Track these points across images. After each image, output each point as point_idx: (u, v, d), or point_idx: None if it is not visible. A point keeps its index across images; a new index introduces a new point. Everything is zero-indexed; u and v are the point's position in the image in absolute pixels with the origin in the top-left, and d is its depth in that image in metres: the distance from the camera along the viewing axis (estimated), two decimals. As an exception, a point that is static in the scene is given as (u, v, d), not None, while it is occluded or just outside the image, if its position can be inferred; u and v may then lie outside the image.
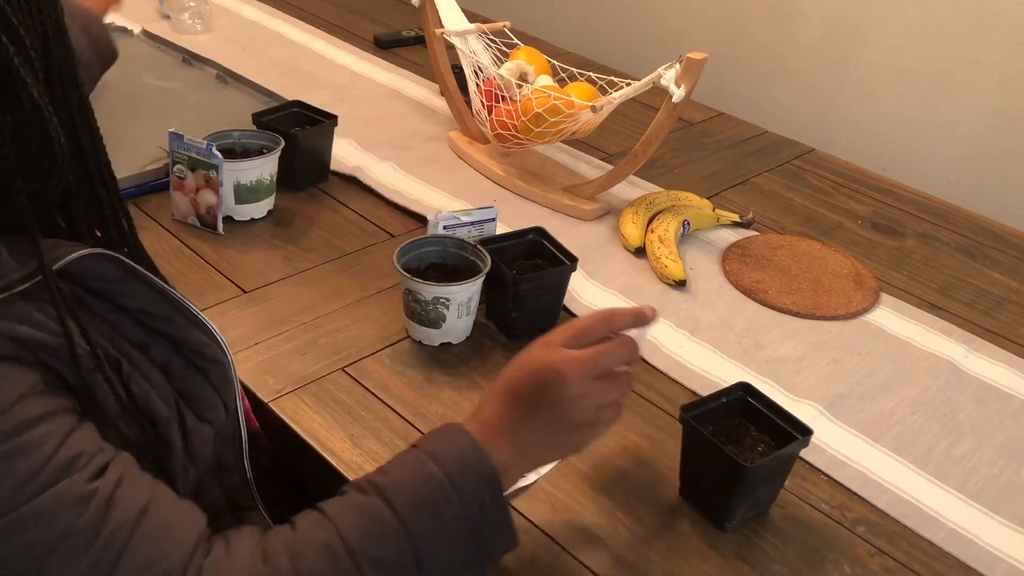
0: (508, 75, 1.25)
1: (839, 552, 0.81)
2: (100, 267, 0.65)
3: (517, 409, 0.70)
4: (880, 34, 1.67)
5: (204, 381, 0.72)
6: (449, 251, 1.04)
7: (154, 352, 0.68)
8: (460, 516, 0.66)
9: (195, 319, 0.72)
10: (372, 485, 0.66)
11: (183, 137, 1.12)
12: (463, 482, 0.66)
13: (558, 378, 0.69)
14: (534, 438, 0.71)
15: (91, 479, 0.58)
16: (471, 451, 0.68)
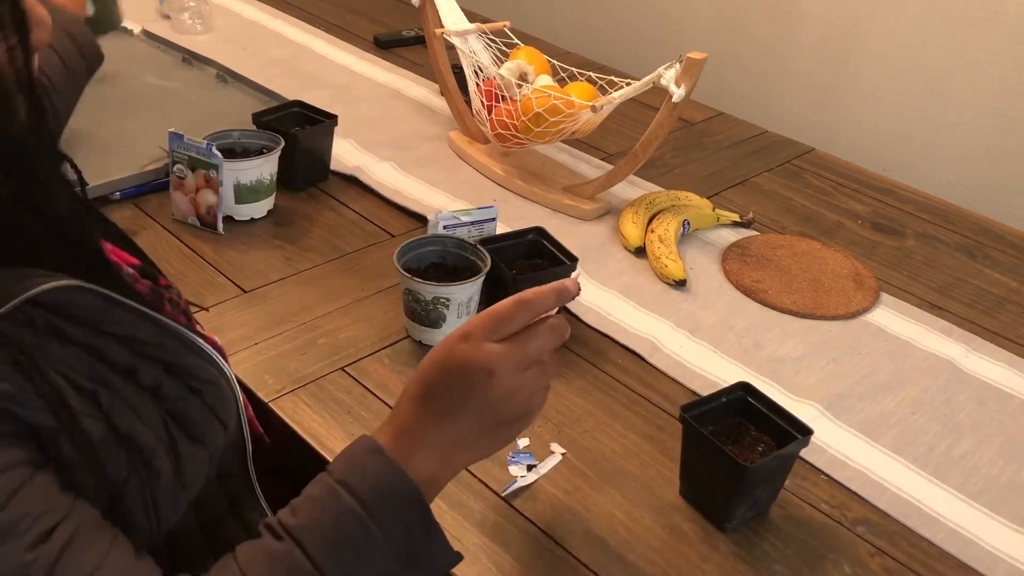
0: (508, 75, 1.25)
1: (839, 552, 0.81)
2: (77, 299, 0.61)
3: (440, 413, 0.64)
4: (880, 34, 1.67)
5: (199, 403, 0.68)
6: (449, 251, 1.04)
7: (142, 375, 0.64)
8: (385, 547, 0.61)
9: (187, 341, 0.68)
10: (284, 528, 0.61)
11: (183, 137, 1.12)
12: (382, 511, 0.61)
13: (485, 377, 0.63)
14: (461, 441, 0.65)
15: (32, 547, 0.54)
16: (388, 472, 0.62)
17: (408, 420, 0.65)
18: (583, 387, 0.97)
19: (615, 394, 0.97)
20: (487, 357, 0.63)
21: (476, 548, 0.78)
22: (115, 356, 0.63)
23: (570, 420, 0.93)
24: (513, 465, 0.86)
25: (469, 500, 0.82)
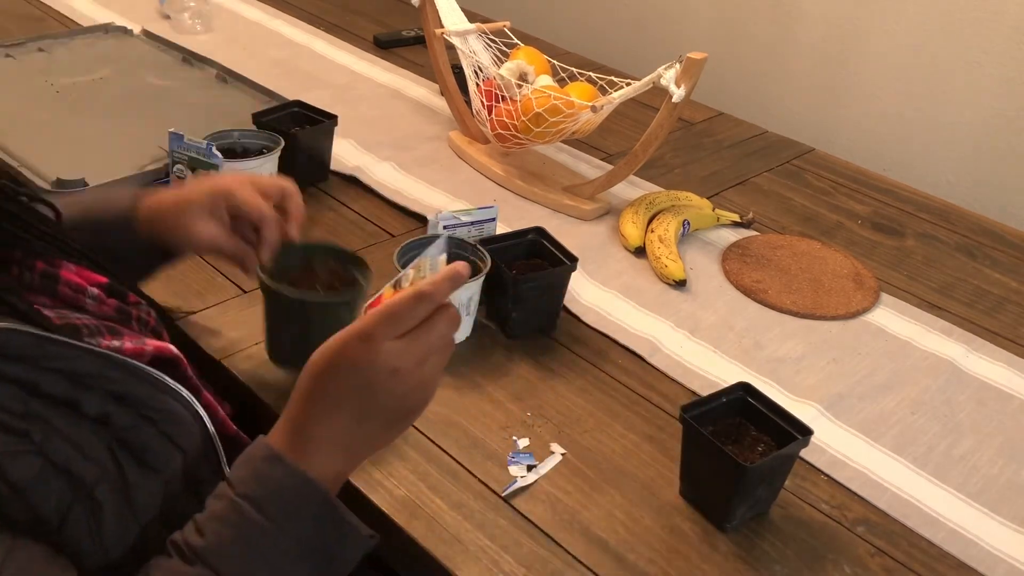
0: (508, 75, 1.25)
1: (839, 552, 0.81)
2: (5, 343, 0.60)
3: (343, 414, 0.64)
4: (880, 34, 1.67)
5: (154, 431, 0.66)
6: (449, 251, 1.04)
7: (86, 405, 0.62)
8: (297, 556, 0.61)
9: (137, 371, 0.66)
10: (193, 551, 0.60)
11: (183, 137, 1.12)
12: (291, 521, 0.61)
13: (391, 376, 0.63)
14: (368, 438, 0.66)
15: None
16: (291, 481, 0.62)
17: (311, 421, 0.64)
18: (583, 387, 0.97)
19: (615, 394, 0.97)
20: (391, 357, 0.63)
21: (476, 548, 0.78)
22: (53, 389, 0.61)
23: (570, 420, 0.93)
24: (513, 465, 0.86)
25: (469, 500, 0.82)
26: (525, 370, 0.99)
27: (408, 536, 0.79)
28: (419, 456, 0.87)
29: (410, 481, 0.84)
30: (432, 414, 0.92)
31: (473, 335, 1.03)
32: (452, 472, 0.85)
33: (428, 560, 0.77)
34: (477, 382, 0.96)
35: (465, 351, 1.01)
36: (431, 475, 0.85)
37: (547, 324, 1.06)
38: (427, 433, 0.89)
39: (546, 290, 1.03)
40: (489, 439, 0.89)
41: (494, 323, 1.05)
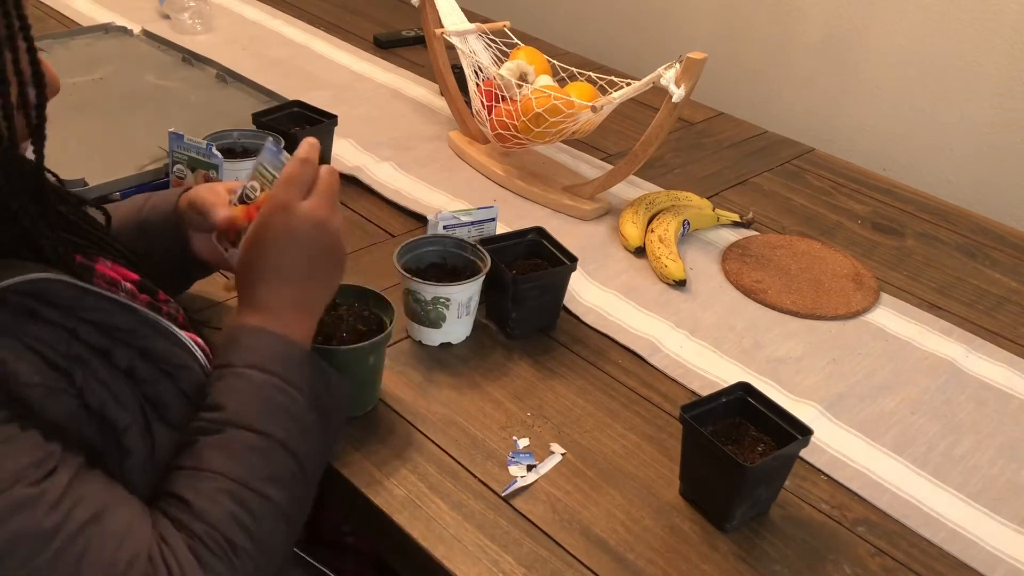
0: (508, 75, 1.25)
1: (839, 552, 0.81)
2: (50, 289, 0.63)
3: (293, 278, 0.74)
4: (880, 34, 1.67)
5: (173, 387, 0.70)
6: (449, 251, 1.04)
7: (117, 358, 0.66)
8: (303, 404, 0.70)
9: (160, 328, 0.70)
10: (216, 421, 0.67)
11: (183, 137, 1.12)
12: (290, 374, 0.70)
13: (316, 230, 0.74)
14: (315, 291, 0.76)
15: (37, 482, 0.57)
16: (279, 344, 0.72)
17: (270, 297, 0.74)
18: (583, 387, 0.97)
19: (615, 394, 0.97)
20: (311, 213, 0.74)
21: (476, 548, 0.78)
22: (89, 337, 0.65)
23: (570, 420, 0.93)
24: (513, 465, 0.86)
25: (469, 500, 0.82)
26: (525, 370, 0.99)
27: (408, 536, 0.79)
28: (419, 456, 0.87)
29: (410, 481, 0.84)
30: (432, 414, 0.92)
31: (473, 335, 1.03)
32: (452, 472, 0.85)
33: (428, 560, 0.77)
34: (477, 382, 0.96)
35: (465, 351, 1.01)
36: (431, 475, 0.85)
37: (547, 324, 1.06)
38: (427, 433, 0.89)
39: (546, 290, 1.03)
40: (489, 439, 0.89)
41: (494, 323, 1.05)
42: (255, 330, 0.72)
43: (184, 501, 0.63)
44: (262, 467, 0.66)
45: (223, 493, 0.64)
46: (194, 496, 0.63)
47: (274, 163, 0.82)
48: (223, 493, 0.64)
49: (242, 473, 0.65)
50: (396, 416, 0.91)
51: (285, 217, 0.74)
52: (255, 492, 0.65)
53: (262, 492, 0.65)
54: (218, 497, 0.63)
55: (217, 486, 0.64)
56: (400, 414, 0.91)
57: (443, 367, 0.98)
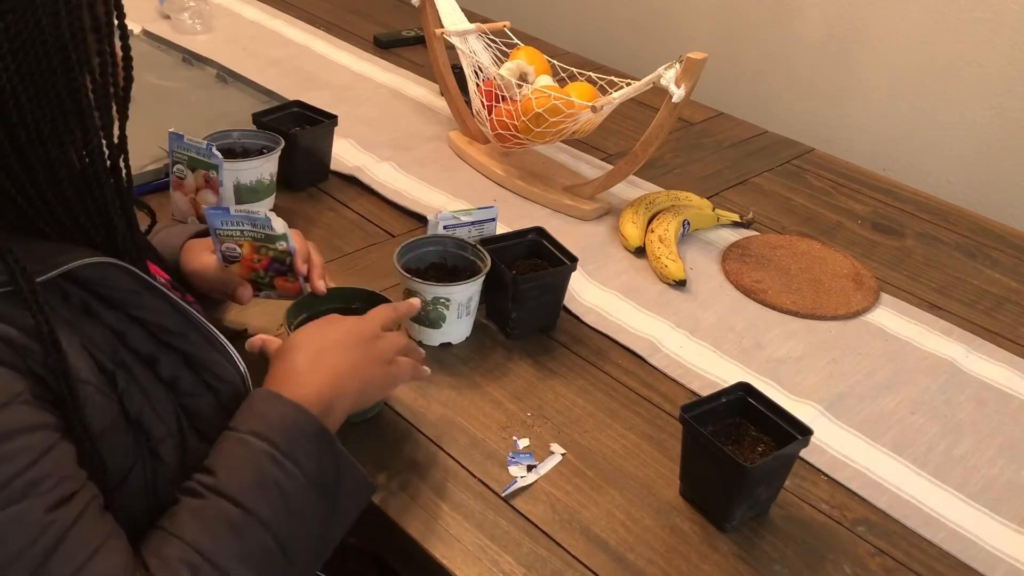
0: (508, 75, 1.25)
1: (839, 552, 0.81)
2: (112, 277, 0.65)
3: (321, 350, 0.74)
4: (880, 34, 1.67)
5: (214, 401, 0.71)
6: (449, 251, 1.04)
7: (162, 367, 0.67)
8: (302, 482, 0.66)
9: (211, 338, 0.72)
10: (203, 486, 0.64)
11: (183, 137, 1.12)
12: (291, 446, 0.66)
13: (355, 320, 0.78)
14: (345, 368, 0.74)
15: (52, 509, 0.56)
16: (289, 412, 0.68)
17: (299, 365, 0.73)
18: (583, 387, 0.97)
19: (615, 394, 0.97)
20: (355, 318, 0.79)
21: (476, 548, 0.78)
22: (138, 343, 0.66)
23: (570, 420, 0.93)
24: (513, 465, 0.86)
25: (469, 500, 0.82)
26: (525, 370, 0.99)
27: (408, 536, 0.79)
28: (419, 456, 0.87)
29: (410, 481, 0.84)
30: (432, 414, 0.92)
31: (473, 335, 1.03)
32: (452, 472, 0.85)
33: (428, 560, 0.77)
34: (477, 382, 0.96)
35: (465, 351, 1.01)
36: (431, 475, 0.85)
37: (547, 324, 1.06)
38: (427, 433, 0.89)
39: (546, 290, 1.03)
40: (489, 439, 0.89)
41: (494, 323, 1.05)
42: (270, 395, 0.69)
43: (147, 566, 0.61)
44: (232, 544, 0.62)
45: (184, 564, 0.60)
46: (158, 564, 0.61)
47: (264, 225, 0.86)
48: (184, 564, 0.60)
49: (210, 547, 0.61)
50: (396, 416, 0.91)
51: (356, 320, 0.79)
52: (217, 569, 0.61)
53: (224, 569, 0.61)
54: (178, 568, 0.60)
55: (180, 555, 0.61)
56: (400, 414, 0.91)
57: (443, 367, 0.98)
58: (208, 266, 0.90)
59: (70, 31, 0.59)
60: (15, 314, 0.58)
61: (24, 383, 0.57)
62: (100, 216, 0.66)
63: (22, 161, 0.60)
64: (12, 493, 0.55)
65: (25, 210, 0.62)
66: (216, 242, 0.88)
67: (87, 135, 0.62)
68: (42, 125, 0.60)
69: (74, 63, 0.60)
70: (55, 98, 0.60)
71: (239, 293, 0.89)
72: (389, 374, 0.79)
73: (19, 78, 0.57)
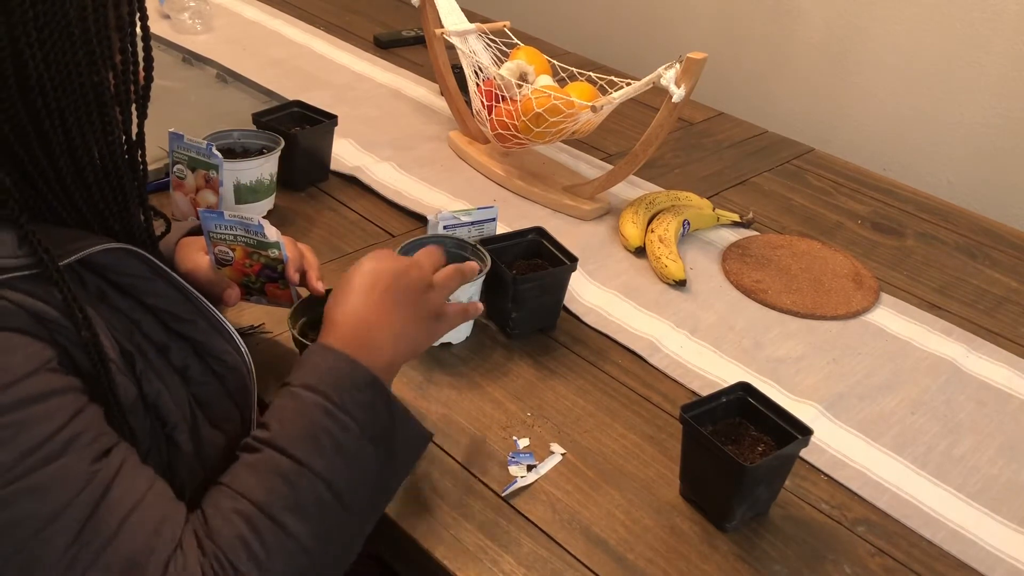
0: (508, 75, 1.25)
1: (839, 552, 0.81)
2: (126, 263, 0.67)
3: (379, 305, 0.73)
4: (880, 34, 1.67)
5: (221, 388, 0.73)
6: (449, 251, 1.04)
7: (173, 355, 0.69)
8: (356, 432, 0.66)
9: (219, 325, 0.73)
10: (259, 441, 0.66)
11: (183, 137, 1.12)
12: (344, 397, 0.67)
13: (407, 268, 0.75)
14: (400, 328, 0.74)
15: (94, 460, 0.59)
16: (341, 364, 0.68)
17: (356, 315, 0.72)
18: (583, 387, 0.97)
19: (615, 394, 0.97)
20: (404, 259, 0.77)
21: (476, 548, 0.78)
22: (151, 331, 0.68)
23: (570, 420, 0.93)
24: (513, 465, 0.86)
25: (469, 500, 0.82)
26: (525, 370, 0.99)
27: (408, 536, 0.79)
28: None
29: (410, 481, 0.84)
30: (432, 414, 0.92)
31: (473, 335, 1.03)
32: (452, 472, 0.85)
33: (428, 560, 0.77)
34: (477, 382, 0.96)
35: (465, 351, 1.01)
36: (431, 475, 0.85)
37: (547, 324, 1.06)
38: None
39: (546, 290, 1.03)
40: (489, 439, 0.89)
41: (494, 323, 1.05)
42: (322, 348, 0.70)
43: (205, 517, 0.63)
44: (286, 494, 0.63)
45: (238, 515, 0.62)
46: (213, 513, 0.63)
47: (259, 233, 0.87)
48: (238, 515, 0.62)
49: (263, 498, 0.63)
50: (396, 416, 0.91)
51: (381, 254, 0.77)
52: (271, 520, 0.62)
53: (279, 520, 0.62)
54: (232, 519, 0.62)
55: (235, 506, 0.63)
56: (400, 414, 0.91)
57: (443, 367, 0.98)
58: (200, 266, 0.90)
59: (96, 27, 0.62)
60: (43, 293, 0.60)
61: (52, 352, 0.59)
62: (118, 204, 0.69)
63: (45, 147, 0.63)
64: (54, 448, 0.57)
65: (46, 196, 0.64)
66: (209, 244, 0.89)
67: (107, 128, 0.65)
68: (66, 114, 0.62)
69: (98, 58, 0.63)
70: (79, 89, 0.63)
71: (226, 295, 0.89)
72: (439, 329, 0.79)
73: (45, 66, 0.60)
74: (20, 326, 0.58)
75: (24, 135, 0.62)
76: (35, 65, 0.60)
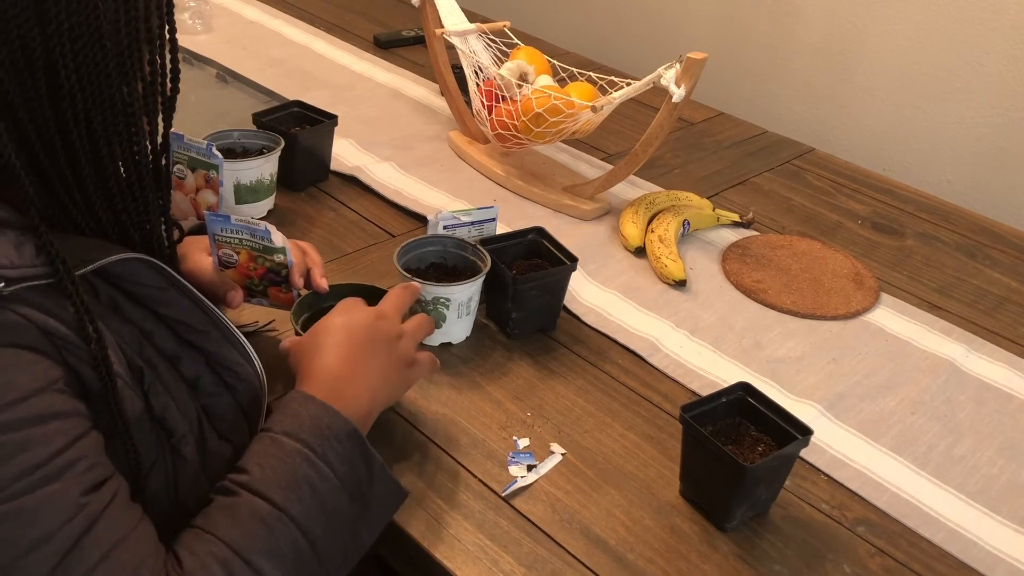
0: (508, 75, 1.25)
1: (839, 552, 0.81)
2: (141, 273, 0.67)
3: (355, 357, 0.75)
4: (880, 34, 1.67)
5: (232, 400, 0.73)
6: (449, 251, 1.04)
7: (185, 366, 0.69)
8: (334, 482, 0.67)
9: (231, 337, 0.73)
10: (236, 484, 0.66)
11: (183, 137, 1.12)
12: (325, 447, 0.67)
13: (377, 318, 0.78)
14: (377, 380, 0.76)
15: (85, 491, 0.58)
16: (323, 414, 0.69)
17: (333, 368, 0.74)
18: (583, 387, 0.97)
19: (615, 394, 0.97)
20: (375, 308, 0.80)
21: (476, 548, 0.78)
22: (163, 342, 0.68)
23: (570, 420, 0.93)
24: (513, 465, 0.86)
25: (469, 500, 0.82)
26: (525, 370, 0.99)
27: (408, 536, 0.79)
28: (419, 456, 0.87)
29: (410, 481, 0.84)
30: (432, 414, 0.92)
31: (473, 335, 1.03)
32: (452, 472, 0.85)
33: (428, 560, 0.77)
34: (477, 382, 0.96)
35: (465, 351, 1.01)
36: (431, 475, 0.85)
37: (547, 324, 1.06)
38: (427, 433, 0.89)
39: (546, 290, 1.03)
40: (489, 439, 0.89)
41: (494, 323, 1.05)
42: (303, 396, 0.71)
43: (179, 559, 0.62)
44: (264, 539, 0.63)
45: (214, 559, 0.61)
46: (187, 556, 0.62)
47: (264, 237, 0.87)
48: (214, 559, 0.61)
49: (240, 542, 0.62)
50: (396, 416, 0.91)
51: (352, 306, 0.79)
52: (247, 564, 0.62)
53: (255, 565, 0.62)
54: (208, 562, 0.61)
55: (211, 550, 0.62)
56: (400, 414, 0.91)
57: (443, 367, 0.98)
58: (203, 267, 0.90)
59: (127, 39, 0.63)
60: (54, 306, 0.60)
61: (59, 371, 0.59)
62: (140, 215, 0.69)
63: (70, 156, 0.63)
64: (48, 473, 0.56)
65: (66, 205, 0.65)
66: (213, 246, 0.89)
67: (133, 137, 0.66)
68: (94, 124, 0.63)
69: (128, 69, 0.64)
70: (108, 100, 0.63)
71: (230, 296, 0.89)
72: (412, 376, 0.81)
73: (77, 76, 0.61)
74: (30, 343, 0.58)
75: (50, 144, 0.62)
76: (67, 75, 0.60)
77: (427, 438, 0.89)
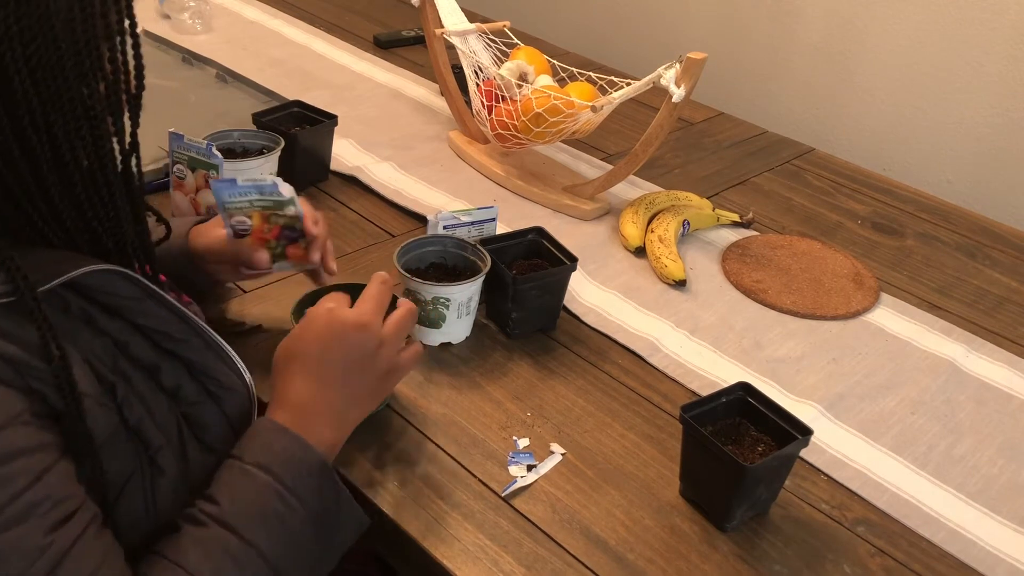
0: (508, 75, 1.25)
1: (839, 552, 0.81)
2: (115, 284, 0.65)
3: (327, 381, 0.72)
4: (880, 34, 1.67)
5: (216, 409, 0.71)
6: (449, 251, 1.04)
7: (164, 375, 0.68)
8: (302, 515, 0.67)
9: (214, 344, 0.72)
10: (206, 515, 0.65)
11: (183, 137, 1.12)
12: (295, 481, 0.67)
13: (360, 330, 0.73)
14: (351, 402, 0.74)
15: (50, 531, 0.56)
16: (294, 447, 0.69)
17: (302, 396, 0.72)
18: (583, 387, 0.97)
19: (615, 394, 0.97)
20: (360, 317, 0.74)
21: (476, 548, 0.78)
22: (140, 352, 0.66)
23: (570, 420, 0.93)
24: (513, 465, 0.86)
25: (469, 500, 0.82)
26: (525, 370, 0.99)
27: (408, 536, 0.79)
28: (419, 456, 0.87)
29: (410, 481, 0.84)
30: (432, 414, 0.92)
31: (473, 335, 1.03)
32: (452, 472, 0.85)
33: (428, 560, 0.77)
34: (477, 382, 0.96)
35: (465, 351, 1.01)
36: (431, 475, 0.85)
37: (547, 324, 1.06)
38: (427, 433, 0.89)
39: (546, 290, 1.03)
40: (489, 439, 0.89)
41: (494, 323, 1.05)
42: (275, 427, 0.70)
43: None
44: (231, 572, 0.63)
45: None
46: None
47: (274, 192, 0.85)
48: None
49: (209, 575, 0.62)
50: (396, 416, 0.91)
51: (329, 316, 0.74)
52: None
53: None
54: None
55: None
56: (400, 414, 0.91)
57: (443, 367, 0.98)
58: (220, 239, 0.89)
59: (84, 38, 0.59)
60: (15, 328, 0.58)
61: (24, 402, 0.57)
62: (110, 219, 0.66)
63: (31, 165, 0.60)
64: (11, 515, 0.55)
65: (31, 216, 0.62)
66: (225, 217, 0.87)
67: (98, 140, 0.63)
68: (55, 129, 0.60)
69: (87, 69, 0.60)
70: (67, 103, 0.60)
71: (256, 258, 0.87)
72: (392, 385, 0.80)
73: (32, 83, 0.58)
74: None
75: (8, 153, 0.59)
76: (20, 80, 0.57)
77: (427, 438, 0.89)
